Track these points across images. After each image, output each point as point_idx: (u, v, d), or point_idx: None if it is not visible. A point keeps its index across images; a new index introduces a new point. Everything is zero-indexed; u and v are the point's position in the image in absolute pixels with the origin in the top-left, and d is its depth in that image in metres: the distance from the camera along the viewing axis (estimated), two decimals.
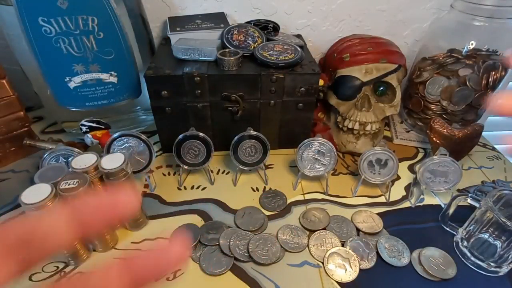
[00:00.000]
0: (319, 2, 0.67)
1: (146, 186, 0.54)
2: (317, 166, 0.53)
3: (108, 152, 0.49)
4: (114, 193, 0.15)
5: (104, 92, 0.55)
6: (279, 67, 0.52)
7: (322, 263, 0.43)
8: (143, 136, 0.49)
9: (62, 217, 0.14)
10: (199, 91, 0.53)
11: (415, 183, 0.54)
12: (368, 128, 0.58)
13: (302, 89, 0.54)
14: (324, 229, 0.47)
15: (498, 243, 0.41)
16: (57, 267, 0.42)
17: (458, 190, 0.55)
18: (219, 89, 0.53)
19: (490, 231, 0.41)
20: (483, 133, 0.59)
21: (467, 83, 0.56)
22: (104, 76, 0.54)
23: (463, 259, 0.43)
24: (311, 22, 0.69)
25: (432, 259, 0.43)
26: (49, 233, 0.13)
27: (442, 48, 0.58)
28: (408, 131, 0.68)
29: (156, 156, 0.60)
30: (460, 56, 0.56)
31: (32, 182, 0.37)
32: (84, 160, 0.41)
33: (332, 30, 0.70)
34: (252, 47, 0.56)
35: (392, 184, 0.55)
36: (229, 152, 0.53)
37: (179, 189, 0.54)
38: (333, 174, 0.58)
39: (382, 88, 0.59)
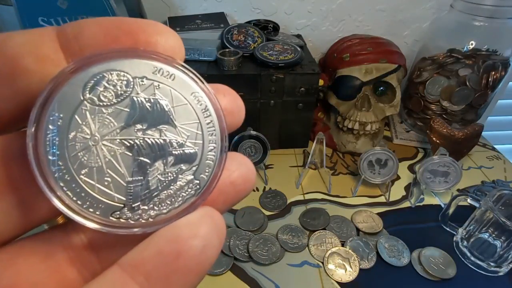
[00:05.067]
0: (319, 2, 0.66)
1: None
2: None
3: None
4: None
5: None
6: (279, 67, 0.52)
7: (322, 263, 0.43)
8: None
9: None
10: None
11: (415, 183, 0.54)
12: (368, 128, 0.58)
13: (302, 89, 0.54)
14: (324, 229, 0.47)
15: (498, 243, 0.41)
16: None
17: (458, 190, 0.55)
18: None
19: (490, 231, 0.41)
20: (483, 133, 0.59)
21: (467, 83, 0.56)
22: None
23: (463, 259, 0.43)
24: (311, 22, 0.69)
25: (432, 259, 0.43)
26: None
27: (442, 48, 0.58)
28: (408, 131, 0.68)
29: None
30: (460, 56, 0.56)
31: None
32: None
33: (332, 30, 0.70)
34: (252, 47, 0.56)
35: (392, 184, 0.55)
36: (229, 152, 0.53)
37: None
38: (333, 174, 0.58)
39: (382, 88, 0.59)
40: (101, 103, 0.11)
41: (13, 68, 0.10)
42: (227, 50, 0.54)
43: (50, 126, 0.11)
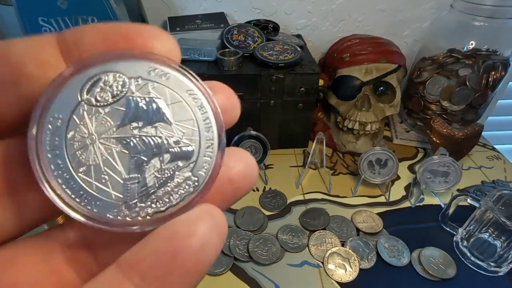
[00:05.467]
0: (319, 2, 0.66)
1: None
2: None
3: None
4: None
5: None
6: (279, 67, 0.52)
7: (322, 263, 0.43)
8: None
9: None
10: None
11: (415, 183, 0.54)
12: (368, 128, 0.58)
13: (302, 89, 0.54)
14: (324, 229, 0.47)
15: (498, 243, 0.41)
16: None
17: (458, 190, 0.55)
18: None
19: (490, 231, 0.41)
20: (483, 133, 0.59)
21: (467, 83, 0.56)
22: None
23: (463, 259, 0.43)
24: (311, 22, 0.69)
25: (432, 259, 0.43)
26: None
27: (442, 48, 0.58)
28: (408, 131, 0.68)
29: None
30: (460, 56, 0.56)
31: None
32: None
33: (332, 30, 0.70)
34: (252, 47, 0.56)
35: (392, 184, 0.55)
36: None
37: None
38: (333, 174, 0.58)
39: (382, 88, 0.59)
40: (98, 104, 0.11)
41: (17, 75, 0.11)
42: (227, 50, 0.54)
43: (50, 127, 0.11)
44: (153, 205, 0.12)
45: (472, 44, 0.55)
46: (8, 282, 0.11)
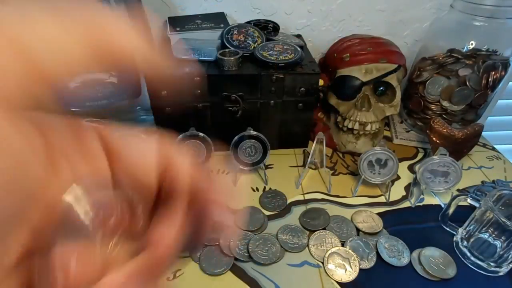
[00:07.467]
0: (319, 2, 0.66)
1: None
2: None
3: None
4: None
5: (104, 92, 0.55)
6: (279, 67, 0.52)
7: (322, 263, 0.43)
8: None
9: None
10: (199, 91, 0.53)
11: (415, 183, 0.54)
12: (368, 128, 0.58)
13: (302, 89, 0.54)
14: (324, 229, 0.47)
15: (498, 243, 0.41)
16: None
17: (458, 190, 0.55)
18: (219, 89, 0.53)
19: (490, 231, 0.41)
20: (483, 133, 0.59)
21: (467, 83, 0.56)
22: (104, 76, 0.54)
23: (463, 259, 0.43)
24: (311, 22, 0.69)
25: (432, 259, 0.43)
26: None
27: (442, 48, 0.58)
28: (408, 131, 0.68)
29: None
30: (460, 56, 0.56)
31: None
32: None
33: (332, 30, 0.70)
34: (252, 47, 0.56)
35: (392, 184, 0.55)
36: (229, 152, 0.53)
37: None
38: (333, 174, 0.58)
39: (382, 88, 0.59)
40: None
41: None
42: (227, 50, 0.54)
43: None
44: None
45: (472, 44, 0.55)
46: None
